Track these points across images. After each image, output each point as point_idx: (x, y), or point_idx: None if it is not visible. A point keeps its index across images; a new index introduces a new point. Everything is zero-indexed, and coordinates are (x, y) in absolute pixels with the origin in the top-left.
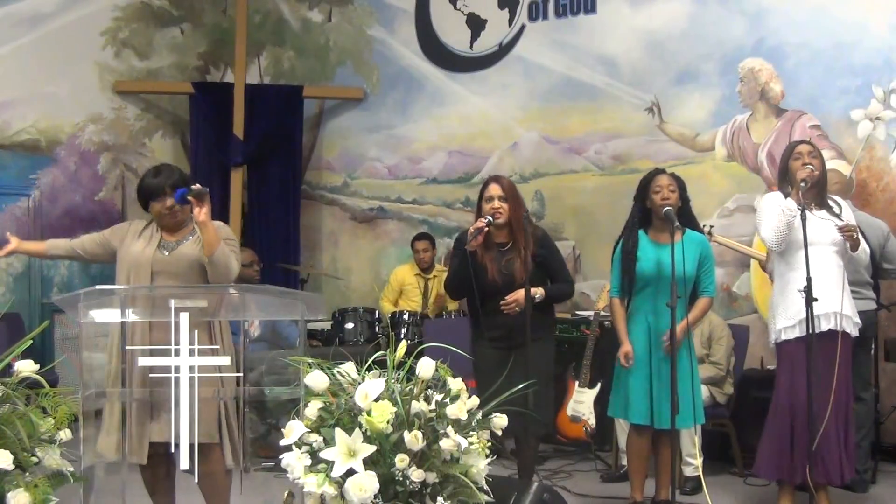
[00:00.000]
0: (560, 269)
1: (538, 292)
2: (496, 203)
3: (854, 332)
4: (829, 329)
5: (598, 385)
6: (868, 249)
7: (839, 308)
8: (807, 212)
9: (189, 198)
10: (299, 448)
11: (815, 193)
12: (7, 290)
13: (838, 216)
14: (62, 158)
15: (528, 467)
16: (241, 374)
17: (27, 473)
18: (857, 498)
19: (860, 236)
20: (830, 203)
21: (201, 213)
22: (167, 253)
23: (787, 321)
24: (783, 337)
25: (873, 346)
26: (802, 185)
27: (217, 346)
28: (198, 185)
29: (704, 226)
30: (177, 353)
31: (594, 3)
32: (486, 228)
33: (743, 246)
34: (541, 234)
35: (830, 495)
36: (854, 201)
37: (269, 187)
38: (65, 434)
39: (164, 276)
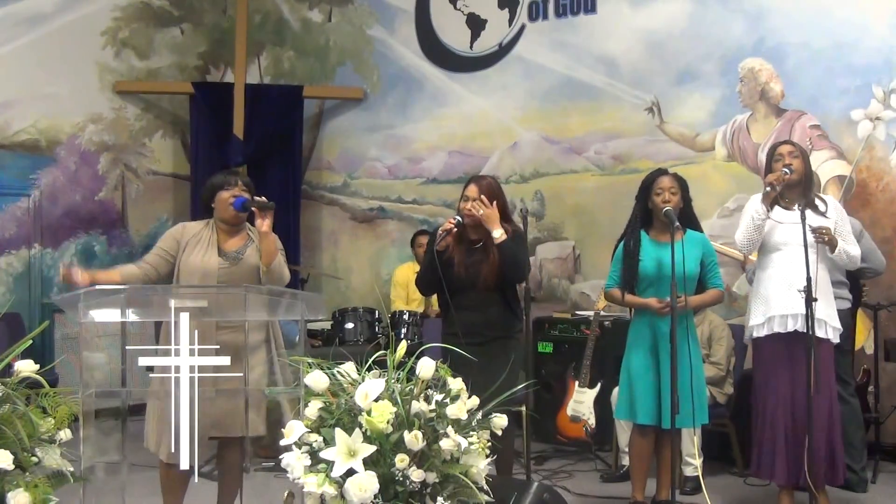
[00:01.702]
0: (520, 251)
1: (500, 232)
2: (470, 203)
3: (831, 337)
4: (796, 330)
5: (598, 385)
6: (854, 253)
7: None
8: (786, 212)
9: (253, 208)
10: (299, 448)
11: (799, 193)
12: (7, 290)
13: (823, 215)
14: (62, 158)
15: (507, 463)
16: (243, 374)
17: (27, 473)
18: (857, 498)
19: (846, 240)
20: (817, 202)
21: (264, 223)
22: (233, 263)
23: (756, 319)
24: (755, 334)
25: (873, 346)
26: (768, 189)
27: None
28: (263, 198)
29: None
30: (177, 353)
31: (594, 3)
32: (455, 229)
33: (726, 248)
34: (512, 230)
35: (830, 495)
36: (854, 201)
37: (269, 187)
38: (65, 434)
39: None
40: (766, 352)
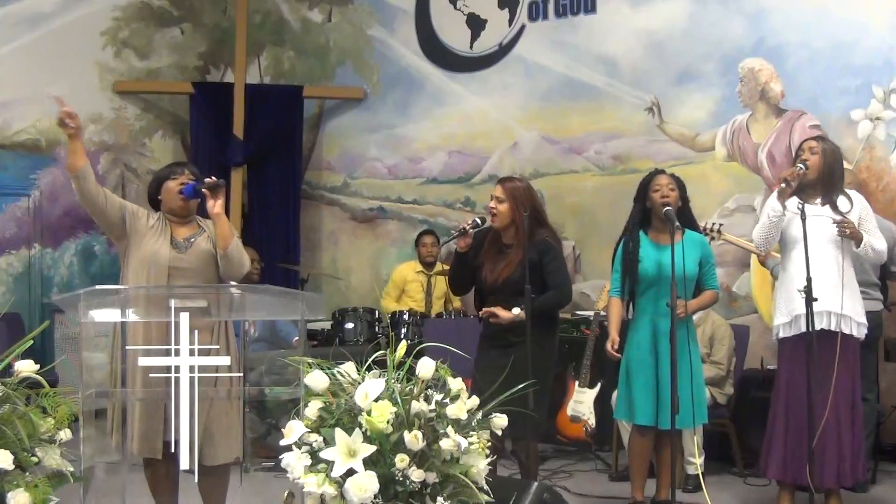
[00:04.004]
0: (553, 274)
1: (516, 313)
2: (492, 203)
3: (857, 334)
4: (823, 329)
5: (599, 385)
6: (880, 248)
7: (835, 307)
8: (806, 208)
9: (203, 190)
10: (299, 448)
11: (821, 190)
12: (7, 290)
13: (842, 213)
14: (62, 158)
15: (530, 467)
16: (242, 374)
17: (27, 473)
18: (857, 498)
19: (870, 233)
20: (841, 199)
21: (216, 205)
22: (182, 251)
23: (781, 318)
24: (781, 334)
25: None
26: (783, 185)
27: (217, 346)
28: (213, 178)
29: (714, 224)
30: (177, 353)
31: (594, 3)
32: (470, 231)
33: (749, 244)
34: (541, 240)
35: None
36: None
37: (269, 187)
38: (65, 434)
39: (180, 272)
40: (793, 351)
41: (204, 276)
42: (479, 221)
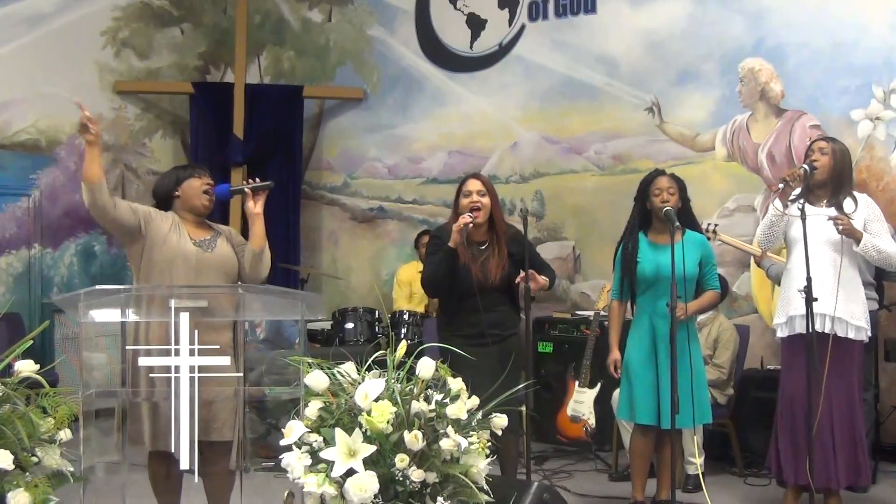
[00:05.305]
0: (538, 260)
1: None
2: (475, 197)
3: (854, 336)
4: (817, 331)
5: (599, 385)
6: (888, 250)
7: (828, 310)
8: (808, 208)
9: (246, 190)
10: (299, 448)
11: (829, 190)
12: (7, 290)
13: (846, 214)
14: (62, 158)
15: (511, 463)
16: (242, 374)
17: (27, 473)
18: (857, 498)
19: (877, 236)
20: (847, 200)
21: (257, 205)
22: (207, 250)
23: (779, 318)
24: (778, 334)
25: (874, 346)
26: (781, 185)
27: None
28: (258, 179)
29: (709, 224)
30: (177, 353)
31: (594, 3)
32: (471, 225)
33: (745, 244)
34: (513, 232)
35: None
36: None
37: None
38: (65, 434)
39: (206, 271)
40: (789, 351)
41: (228, 276)
42: (472, 216)
